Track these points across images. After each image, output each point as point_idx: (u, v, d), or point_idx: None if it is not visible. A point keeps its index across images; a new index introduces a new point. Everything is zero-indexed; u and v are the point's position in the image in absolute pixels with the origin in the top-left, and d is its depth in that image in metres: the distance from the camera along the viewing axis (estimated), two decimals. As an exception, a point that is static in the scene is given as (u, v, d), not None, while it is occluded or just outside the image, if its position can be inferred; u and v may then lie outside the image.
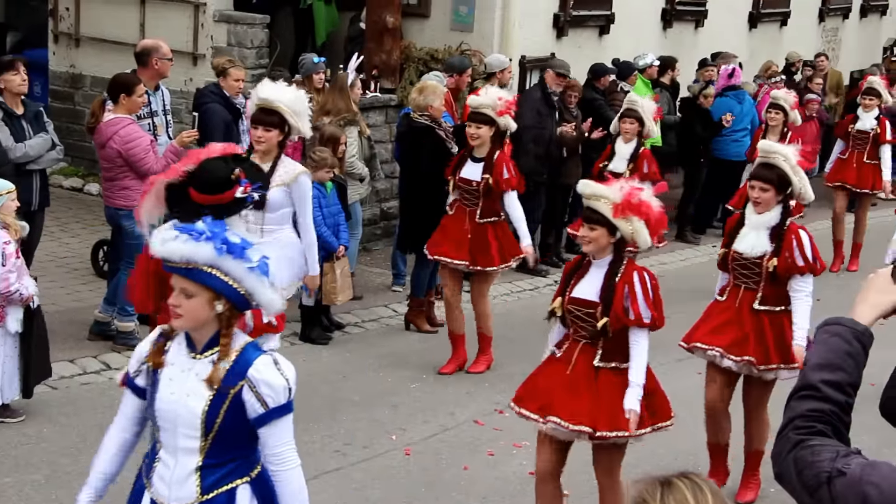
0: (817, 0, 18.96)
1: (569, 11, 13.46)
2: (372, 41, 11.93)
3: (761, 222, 6.53)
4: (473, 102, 8.43)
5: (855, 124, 12.60)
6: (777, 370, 6.54)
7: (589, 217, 5.56)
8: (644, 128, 10.20)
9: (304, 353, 8.88)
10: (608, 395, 5.59)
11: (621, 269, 5.58)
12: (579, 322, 5.64)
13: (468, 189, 8.45)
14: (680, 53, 14.75)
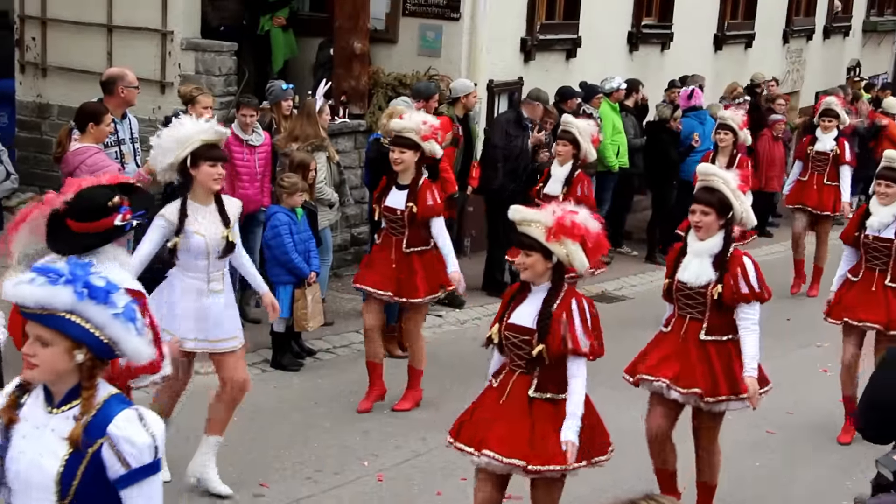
0: (781, 22, 19.18)
1: (536, 35, 13.55)
2: (340, 67, 11.96)
3: (704, 249, 6.31)
4: (397, 126, 8.16)
5: (814, 146, 12.49)
6: (727, 402, 6.36)
7: (522, 242, 5.44)
8: (580, 150, 9.86)
9: (276, 380, 8.86)
10: (542, 427, 5.43)
11: (560, 295, 5.45)
12: (515, 350, 5.51)
13: (393, 218, 8.20)
14: (646, 76, 14.87)
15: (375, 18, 12.52)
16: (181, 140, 6.37)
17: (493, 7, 12.71)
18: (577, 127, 9.86)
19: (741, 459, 7.76)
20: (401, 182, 8.18)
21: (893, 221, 8.15)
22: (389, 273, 8.18)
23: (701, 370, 6.33)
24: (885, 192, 8.17)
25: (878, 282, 8.11)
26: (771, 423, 8.42)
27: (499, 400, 5.53)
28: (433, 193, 8.17)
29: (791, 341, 10.15)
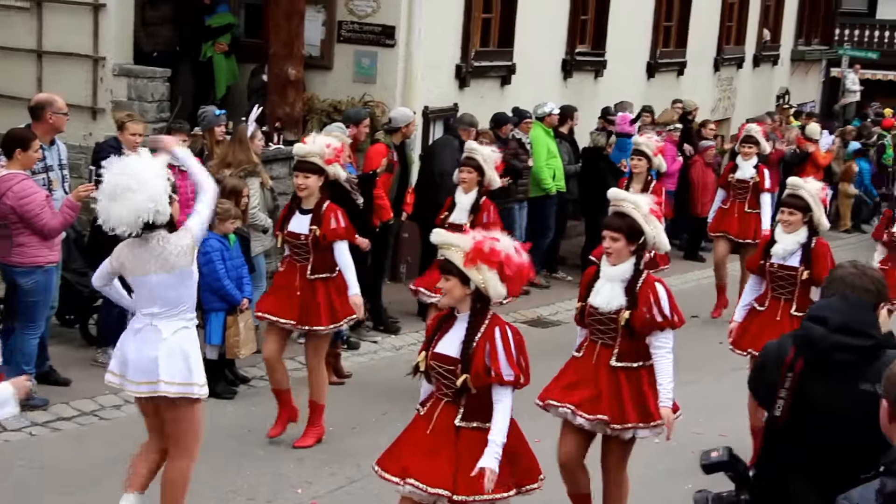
0: (712, 50, 19.48)
1: (471, 62, 13.63)
2: (275, 93, 11.93)
3: (615, 275, 6.25)
4: (300, 151, 7.96)
5: (734, 173, 12.50)
6: (634, 429, 6.30)
7: (443, 267, 5.40)
8: (484, 177, 9.57)
9: (209, 408, 8.69)
10: (469, 456, 5.34)
11: (483, 324, 5.38)
12: (441, 379, 5.44)
13: (297, 244, 7.98)
14: (580, 103, 15.01)
15: (310, 45, 12.54)
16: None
17: (428, 34, 12.78)
18: (482, 154, 9.63)
19: (674, 481, 7.80)
20: (304, 207, 7.98)
21: (798, 249, 8.07)
22: (292, 301, 7.96)
23: (609, 396, 6.27)
24: (788, 220, 8.08)
25: (783, 311, 8.06)
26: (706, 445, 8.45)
27: (426, 429, 5.48)
28: (337, 216, 7.98)
29: (723, 365, 10.23)
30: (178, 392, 6.03)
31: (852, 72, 26.11)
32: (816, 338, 4.32)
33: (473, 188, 9.56)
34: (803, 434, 4.35)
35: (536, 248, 13.36)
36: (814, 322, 4.36)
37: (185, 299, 6.07)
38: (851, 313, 4.32)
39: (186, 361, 6.05)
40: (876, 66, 27.47)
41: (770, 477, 4.50)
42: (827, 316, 4.33)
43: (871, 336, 4.29)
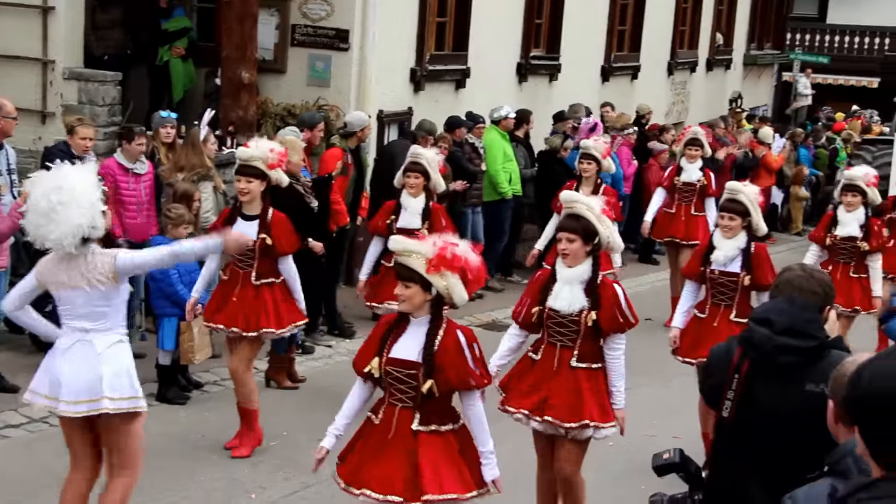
0: (666, 54, 19.60)
1: (425, 66, 13.63)
2: (228, 97, 11.87)
3: (574, 276, 6.27)
4: (243, 155, 7.82)
5: (680, 176, 12.40)
6: (595, 428, 6.34)
7: (402, 274, 5.30)
8: (430, 181, 9.47)
9: (161, 415, 8.68)
10: (429, 459, 5.32)
11: (442, 328, 5.34)
12: (398, 384, 5.37)
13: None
14: (535, 106, 15.05)
15: (264, 48, 12.49)
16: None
17: (383, 38, 12.77)
18: (426, 158, 9.56)
19: (628, 483, 7.82)
20: (246, 212, 7.86)
21: (738, 254, 8.05)
22: (239, 308, 7.87)
23: (568, 397, 6.31)
24: (728, 225, 8.05)
25: (722, 317, 8.03)
26: (659, 447, 8.49)
27: (386, 435, 5.41)
28: (288, 228, 7.91)
29: (675, 367, 10.27)
30: (125, 407, 5.84)
31: (804, 76, 26.39)
32: (761, 340, 4.36)
33: (421, 193, 9.49)
34: (750, 435, 4.38)
35: (491, 252, 13.41)
36: (759, 324, 4.40)
37: (116, 313, 5.91)
38: (796, 315, 4.36)
39: (129, 376, 5.89)
40: (827, 70, 27.79)
41: (721, 477, 4.53)
42: (772, 318, 4.37)
43: (816, 337, 4.34)
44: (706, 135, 13.19)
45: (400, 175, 9.62)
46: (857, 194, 10.05)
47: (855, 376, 2.59)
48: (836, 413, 3.38)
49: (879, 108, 24.86)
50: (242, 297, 7.89)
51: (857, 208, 10.05)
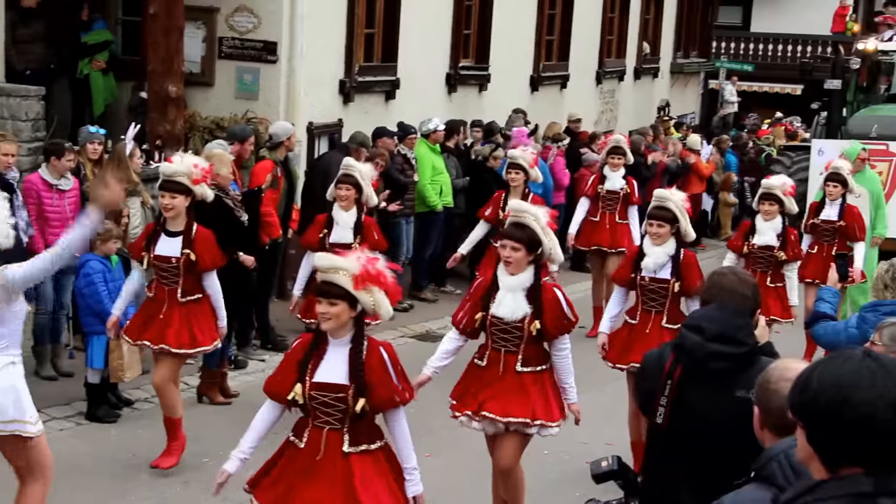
0: (594, 63, 19.75)
1: (354, 77, 13.60)
2: (155, 111, 11.73)
3: (516, 284, 6.38)
4: (167, 171, 7.79)
5: (603, 184, 12.42)
6: (541, 427, 6.49)
7: (328, 291, 5.17)
8: (362, 194, 9.48)
9: (91, 433, 8.57)
10: (365, 479, 5.25)
11: (365, 345, 5.26)
12: (325, 408, 5.24)
13: (166, 267, 7.81)
14: (465, 116, 15.09)
15: (190, 61, 12.37)
16: None
17: (311, 49, 12.72)
18: (359, 170, 9.54)
19: (563, 490, 7.85)
20: (171, 228, 7.79)
21: (668, 261, 8.13)
22: (167, 323, 7.80)
23: (512, 396, 6.45)
24: (657, 233, 8.14)
25: (654, 323, 8.09)
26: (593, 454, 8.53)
27: (313, 458, 5.28)
28: (212, 244, 7.85)
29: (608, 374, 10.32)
30: (9, 430, 5.79)
31: (730, 83, 26.72)
32: (693, 346, 4.40)
33: (353, 206, 9.49)
34: (683, 441, 4.42)
35: (420, 262, 13.42)
36: (691, 331, 4.44)
37: (10, 334, 5.82)
38: (727, 322, 4.40)
39: (15, 399, 5.80)
40: (752, 77, 28.18)
41: (654, 484, 4.56)
42: (703, 325, 4.41)
43: (746, 343, 4.39)
44: (627, 142, 13.23)
45: (332, 188, 9.58)
46: (774, 203, 10.16)
47: (803, 381, 2.63)
48: (761, 419, 3.42)
49: (804, 115, 25.26)
50: (168, 313, 7.81)
51: (774, 217, 10.16)
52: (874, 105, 18.50)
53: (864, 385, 2.53)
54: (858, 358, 2.60)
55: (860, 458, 2.56)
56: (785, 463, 3.06)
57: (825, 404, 2.55)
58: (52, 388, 9.32)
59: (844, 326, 6.46)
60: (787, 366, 3.48)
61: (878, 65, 19.11)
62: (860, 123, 17.37)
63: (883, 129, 16.80)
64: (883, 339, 5.24)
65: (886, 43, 19.99)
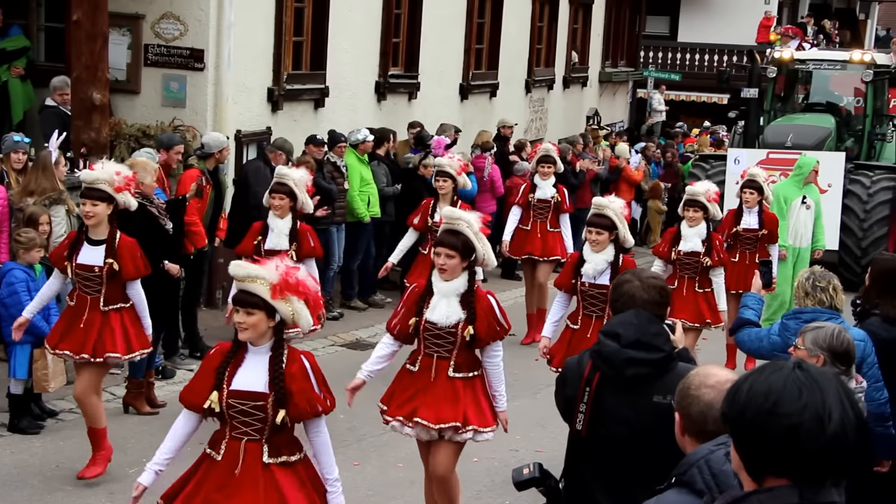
0: (523, 72, 19.86)
1: (283, 85, 13.54)
2: (79, 118, 11.56)
3: (450, 290, 6.42)
4: (88, 178, 7.66)
5: (534, 193, 12.46)
6: (473, 432, 6.50)
7: (245, 301, 5.07)
8: (297, 201, 9.44)
9: (14, 445, 8.43)
10: (280, 492, 5.14)
11: (285, 354, 5.17)
12: (242, 417, 5.13)
13: (89, 276, 7.69)
14: (395, 124, 15.10)
15: (115, 69, 12.23)
16: None
17: (238, 57, 12.65)
18: (293, 178, 9.47)
19: (492, 498, 7.87)
20: (94, 237, 7.68)
21: (607, 267, 8.32)
22: (85, 334, 7.67)
23: (443, 402, 6.47)
24: (596, 240, 8.33)
25: (594, 328, 8.18)
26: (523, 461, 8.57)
27: (232, 471, 5.15)
28: (135, 252, 7.76)
29: (539, 381, 10.40)
30: None
31: (658, 92, 27.05)
32: (610, 353, 4.45)
33: (287, 213, 9.44)
34: (603, 446, 4.46)
35: (348, 272, 13.38)
36: (608, 337, 4.49)
37: None
38: (643, 328, 4.46)
39: None
40: (679, 86, 28.52)
41: (576, 490, 4.60)
42: (620, 332, 4.46)
43: (662, 350, 4.44)
44: (556, 150, 13.24)
45: (266, 196, 9.57)
46: (698, 209, 10.28)
47: (733, 391, 2.63)
48: (682, 425, 3.46)
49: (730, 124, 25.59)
50: (90, 322, 7.69)
51: (699, 223, 10.29)
52: (791, 114, 18.61)
53: (790, 396, 2.53)
54: (788, 369, 2.59)
55: (786, 470, 2.56)
56: (705, 468, 3.07)
57: (753, 415, 2.55)
58: (-27, 400, 9.17)
59: (767, 333, 6.55)
60: (707, 372, 3.51)
61: (796, 73, 19.24)
62: (776, 132, 17.41)
63: (798, 139, 16.87)
64: (806, 342, 5.34)
65: (802, 52, 20.26)
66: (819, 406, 2.52)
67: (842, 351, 5.26)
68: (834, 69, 19.02)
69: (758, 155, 16.47)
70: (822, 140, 17.11)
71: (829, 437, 2.51)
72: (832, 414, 2.52)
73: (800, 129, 17.28)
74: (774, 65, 18.80)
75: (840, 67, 18.86)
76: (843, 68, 18.77)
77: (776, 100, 19.01)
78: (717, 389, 3.37)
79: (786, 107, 19.11)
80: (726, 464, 3.01)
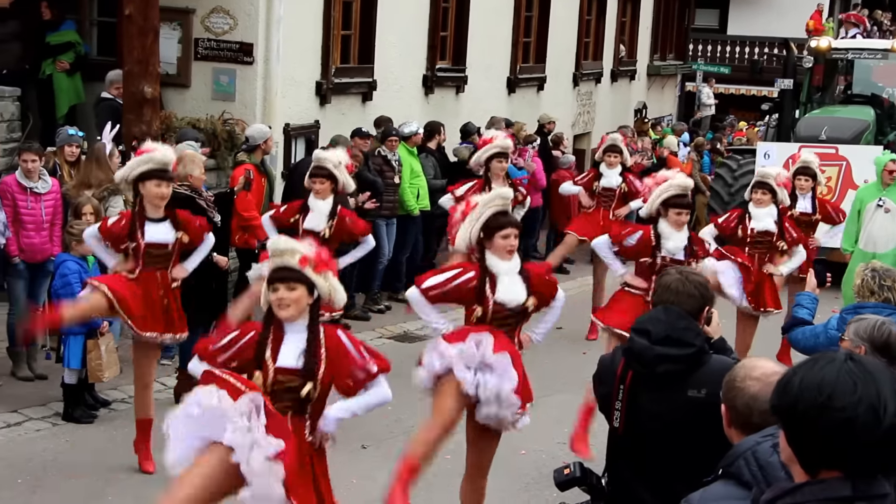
0: (571, 66, 19.81)
1: (331, 79, 13.60)
2: (131, 112, 11.67)
3: (511, 268, 6.54)
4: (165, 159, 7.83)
5: (599, 181, 12.58)
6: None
7: (286, 276, 5.07)
8: (338, 183, 9.42)
9: (68, 434, 8.54)
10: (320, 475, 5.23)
11: (321, 331, 5.19)
12: (290, 394, 5.19)
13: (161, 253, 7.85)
14: (442, 118, 15.10)
15: (166, 62, 12.34)
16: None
17: (287, 51, 12.72)
18: (330, 160, 9.44)
19: (540, 489, 7.87)
20: (154, 216, 7.75)
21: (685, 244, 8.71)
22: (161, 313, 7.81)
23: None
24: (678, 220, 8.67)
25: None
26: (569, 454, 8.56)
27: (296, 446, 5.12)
28: (192, 218, 7.97)
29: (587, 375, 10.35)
30: None
31: (707, 86, 26.87)
32: (641, 350, 4.45)
33: (329, 195, 9.45)
34: (640, 443, 4.47)
35: (396, 265, 13.43)
36: (638, 335, 4.49)
37: None
38: (672, 324, 4.45)
39: None
40: (728, 80, 28.32)
41: (618, 486, 4.62)
42: (650, 329, 4.46)
43: (692, 344, 4.43)
44: (624, 141, 13.32)
45: (307, 179, 9.58)
46: (766, 192, 10.22)
47: (784, 383, 2.60)
48: (728, 417, 3.46)
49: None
50: (163, 301, 7.81)
51: (767, 205, 10.25)
52: (829, 106, 17.72)
53: (845, 389, 2.50)
54: (840, 361, 2.56)
55: (840, 463, 2.54)
56: (752, 460, 3.06)
57: (805, 408, 2.52)
58: (28, 389, 9.32)
59: (824, 329, 6.44)
60: (753, 364, 3.51)
61: (835, 63, 18.31)
62: (810, 125, 16.52)
63: (832, 132, 15.95)
64: (849, 333, 5.30)
65: (841, 41, 19.46)
66: (874, 398, 2.49)
67: (881, 343, 5.21)
68: (876, 59, 18.04)
69: (789, 149, 15.38)
70: (860, 133, 16.25)
71: (884, 429, 2.49)
72: (887, 406, 2.49)
73: (836, 121, 16.42)
74: (811, 54, 17.91)
75: (882, 57, 17.90)
76: (885, 58, 17.82)
77: (814, 91, 18.17)
78: (762, 382, 3.37)
79: (824, 98, 18.21)
80: (773, 455, 3.01)
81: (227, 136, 12.17)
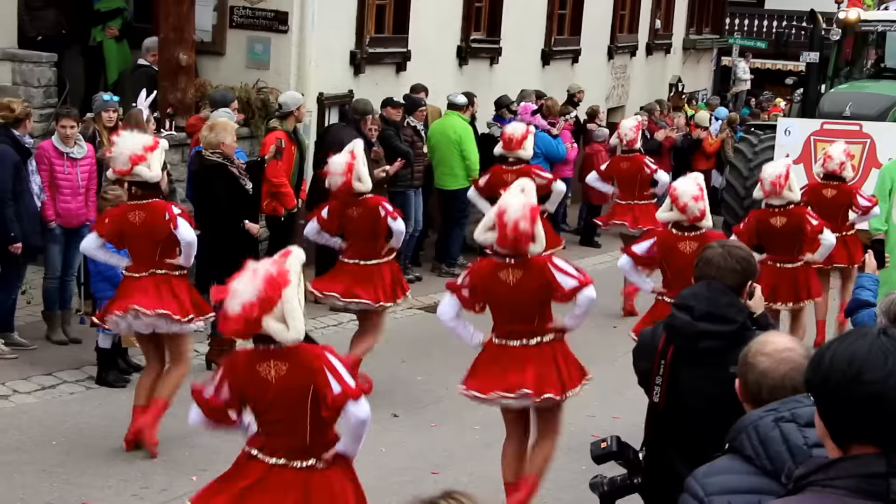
0: (606, 38, 19.69)
1: (365, 49, 13.60)
2: (166, 79, 11.75)
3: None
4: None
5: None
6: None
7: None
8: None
9: (101, 398, 8.64)
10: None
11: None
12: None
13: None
14: (476, 89, 15.06)
15: (202, 30, 12.38)
16: None
17: (322, 20, 12.72)
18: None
19: (568, 463, 7.89)
20: None
21: None
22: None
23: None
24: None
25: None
26: (599, 427, 8.59)
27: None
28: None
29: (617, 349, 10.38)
30: None
31: (743, 61, 26.64)
32: (683, 325, 4.43)
33: None
34: (680, 418, 4.46)
35: (451, 239, 13.51)
36: (680, 310, 4.47)
37: None
38: (715, 300, 4.42)
39: None
40: (765, 55, 28.07)
41: (655, 461, 4.61)
42: (692, 304, 4.44)
43: (735, 321, 4.40)
44: (637, 125, 13.12)
45: None
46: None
47: (817, 358, 2.60)
48: (741, 391, 3.47)
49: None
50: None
51: None
52: (857, 81, 16.88)
53: (876, 363, 2.49)
54: (873, 336, 2.55)
55: (872, 437, 2.53)
56: (753, 434, 3.06)
57: (836, 382, 2.52)
58: (62, 353, 9.42)
59: None
60: (765, 339, 3.49)
61: (865, 36, 17.33)
62: (834, 101, 15.71)
63: (857, 108, 15.17)
64: (881, 307, 5.29)
65: (872, 12, 18.63)
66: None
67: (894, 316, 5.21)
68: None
69: (811, 125, 14.96)
70: (886, 109, 15.47)
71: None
72: None
73: (862, 97, 15.65)
74: (839, 27, 16.90)
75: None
76: None
77: (841, 65, 17.22)
78: (772, 358, 3.37)
79: (852, 73, 17.29)
80: (775, 429, 3.02)
81: (260, 105, 12.20)
